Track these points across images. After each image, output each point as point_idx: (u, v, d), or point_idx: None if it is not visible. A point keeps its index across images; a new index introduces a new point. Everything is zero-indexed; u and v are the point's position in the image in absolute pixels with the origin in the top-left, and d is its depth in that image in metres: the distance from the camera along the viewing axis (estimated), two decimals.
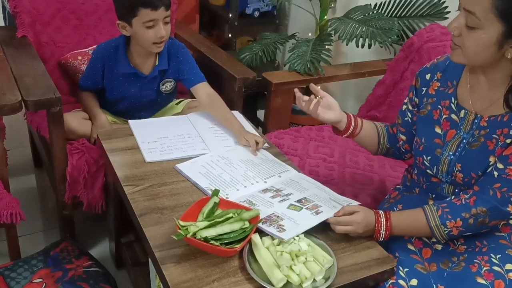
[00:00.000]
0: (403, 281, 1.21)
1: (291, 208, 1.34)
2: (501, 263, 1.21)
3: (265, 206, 1.34)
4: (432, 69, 1.37)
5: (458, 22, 1.15)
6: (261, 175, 1.51)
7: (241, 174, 1.50)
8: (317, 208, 1.33)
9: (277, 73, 2.35)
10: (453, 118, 1.31)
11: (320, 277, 1.14)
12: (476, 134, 1.26)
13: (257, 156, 1.60)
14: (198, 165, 1.52)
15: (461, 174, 1.28)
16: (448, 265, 1.26)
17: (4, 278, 1.52)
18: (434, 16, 2.44)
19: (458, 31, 1.16)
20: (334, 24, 2.35)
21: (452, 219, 1.23)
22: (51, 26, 2.07)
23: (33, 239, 2.02)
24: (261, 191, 1.43)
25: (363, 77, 2.42)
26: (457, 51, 1.19)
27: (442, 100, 1.33)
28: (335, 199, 1.40)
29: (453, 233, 1.24)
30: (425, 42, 2.17)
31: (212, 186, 1.41)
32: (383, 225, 1.28)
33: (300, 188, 1.44)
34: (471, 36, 1.13)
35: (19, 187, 2.19)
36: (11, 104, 1.50)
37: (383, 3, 2.53)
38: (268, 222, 1.27)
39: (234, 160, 1.56)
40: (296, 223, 1.27)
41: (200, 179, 1.44)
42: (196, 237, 1.15)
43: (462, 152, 1.28)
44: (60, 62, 2.08)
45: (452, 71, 1.33)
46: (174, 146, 1.61)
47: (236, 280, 1.12)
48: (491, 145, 1.23)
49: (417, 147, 1.39)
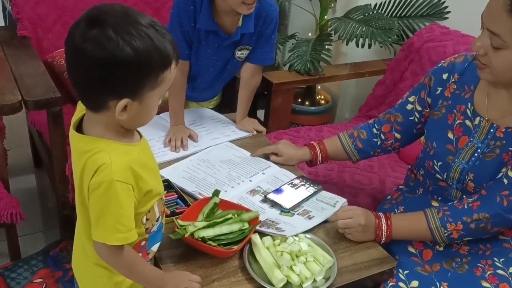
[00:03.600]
0: (403, 284, 1.20)
1: (283, 214, 1.34)
2: (505, 267, 1.20)
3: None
4: (449, 69, 1.32)
5: (482, 41, 1.12)
6: (245, 173, 1.50)
7: (225, 175, 1.49)
8: (308, 213, 1.35)
9: (277, 73, 2.35)
10: (467, 124, 1.27)
11: (320, 277, 1.14)
12: (492, 144, 1.23)
13: (236, 155, 1.60)
14: (180, 170, 1.49)
15: (472, 184, 1.26)
16: (451, 265, 1.25)
17: (4, 278, 1.52)
18: (434, 16, 2.43)
19: (483, 51, 1.13)
20: (334, 24, 2.35)
21: (453, 222, 1.22)
22: (53, 32, 2.09)
23: (33, 239, 2.02)
24: (249, 192, 1.42)
25: (363, 77, 2.42)
26: (485, 70, 1.16)
27: (458, 105, 1.29)
28: (322, 199, 1.41)
29: (453, 236, 1.23)
30: (425, 42, 2.17)
31: (199, 189, 1.40)
32: (383, 223, 1.27)
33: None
34: (498, 56, 1.11)
35: (19, 187, 2.19)
36: (11, 104, 1.50)
37: (383, 3, 2.53)
38: (265, 226, 1.27)
39: (215, 162, 1.55)
40: (293, 226, 1.27)
41: (186, 184, 1.42)
42: (194, 237, 1.15)
43: (476, 162, 1.25)
44: (46, 61, 2.05)
45: (470, 75, 1.28)
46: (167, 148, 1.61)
47: (236, 280, 1.12)
48: (506, 157, 1.21)
49: (427, 151, 1.35)
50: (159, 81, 0.91)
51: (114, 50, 0.84)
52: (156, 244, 1.10)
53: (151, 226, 1.04)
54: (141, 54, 0.85)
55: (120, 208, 0.93)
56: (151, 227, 1.04)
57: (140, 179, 0.95)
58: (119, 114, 0.90)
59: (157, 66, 0.89)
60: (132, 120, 0.93)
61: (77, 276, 1.13)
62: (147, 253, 1.08)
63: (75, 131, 0.97)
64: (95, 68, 0.86)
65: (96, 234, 0.95)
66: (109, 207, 0.92)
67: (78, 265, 1.12)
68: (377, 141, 1.48)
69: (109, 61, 0.84)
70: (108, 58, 0.84)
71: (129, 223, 0.95)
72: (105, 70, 0.85)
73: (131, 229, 0.95)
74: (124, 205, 0.93)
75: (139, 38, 0.85)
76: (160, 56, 0.88)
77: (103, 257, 0.99)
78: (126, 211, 0.94)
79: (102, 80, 0.87)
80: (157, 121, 1.76)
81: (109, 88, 0.88)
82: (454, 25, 2.24)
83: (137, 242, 1.02)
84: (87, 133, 0.96)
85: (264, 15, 1.61)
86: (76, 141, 0.97)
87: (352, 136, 1.51)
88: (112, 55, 0.84)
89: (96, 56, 0.84)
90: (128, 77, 0.87)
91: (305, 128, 2.19)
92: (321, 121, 2.69)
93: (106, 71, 0.86)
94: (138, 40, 0.85)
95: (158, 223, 1.07)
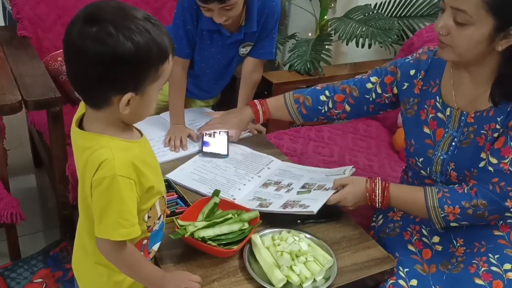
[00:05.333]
0: (403, 281, 1.21)
1: (300, 194, 1.37)
2: (499, 263, 1.20)
3: (276, 199, 1.36)
4: (416, 66, 1.36)
5: (444, 21, 1.14)
6: (252, 170, 1.52)
7: (233, 174, 1.50)
8: (323, 186, 1.38)
9: (277, 73, 2.35)
10: (440, 117, 1.31)
11: (320, 277, 1.14)
12: (466, 131, 1.26)
13: (236, 152, 1.61)
14: (188, 172, 1.49)
15: (455, 172, 1.28)
16: (447, 267, 1.26)
17: (4, 278, 1.52)
18: (434, 16, 2.44)
19: (446, 30, 1.15)
20: (334, 24, 2.35)
21: (451, 205, 1.22)
22: (53, 32, 2.09)
23: (33, 239, 2.02)
24: (261, 186, 1.44)
25: None
26: (447, 49, 1.19)
27: (427, 100, 1.33)
28: (330, 174, 1.46)
29: (449, 218, 1.23)
30: (425, 42, 2.16)
31: (213, 190, 1.40)
32: (378, 193, 1.30)
33: (295, 176, 1.48)
34: (462, 33, 1.13)
35: (19, 187, 2.19)
36: (11, 104, 1.50)
37: (383, 3, 2.53)
38: (288, 206, 1.29)
39: (219, 162, 1.55)
40: (314, 199, 1.30)
41: (199, 186, 1.42)
42: (194, 237, 1.15)
43: (455, 151, 1.28)
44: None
45: (434, 70, 1.32)
46: (167, 148, 1.61)
47: (236, 280, 1.12)
48: (481, 141, 1.23)
49: (408, 149, 1.39)
50: (159, 74, 0.92)
51: (116, 46, 0.84)
52: (157, 243, 1.11)
53: (153, 224, 1.05)
54: (142, 48, 0.86)
55: (122, 203, 0.93)
56: (152, 225, 1.05)
57: (142, 175, 0.96)
58: (123, 109, 0.91)
59: (157, 58, 0.90)
60: (133, 114, 0.95)
61: (77, 275, 1.13)
62: (148, 252, 1.08)
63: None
64: (97, 65, 0.86)
65: (100, 230, 0.95)
66: (112, 202, 0.92)
67: (78, 263, 1.12)
68: (322, 109, 1.52)
69: (111, 57, 0.85)
70: (110, 54, 0.85)
71: (132, 218, 0.95)
72: (107, 66, 0.86)
73: (134, 224, 0.96)
74: (126, 200, 0.93)
75: (139, 32, 0.86)
76: (158, 49, 0.90)
77: (105, 255, 0.99)
78: (128, 206, 0.94)
79: (104, 77, 0.88)
80: (157, 121, 1.76)
81: (112, 84, 0.89)
82: None
83: (138, 240, 1.03)
84: (88, 130, 0.96)
85: (266, 11, 1.61)
86: (78, 137, 0.97)
87: (298, 102, 1.55)
88: (113, 51, 0.85)
89: (98, 53, 0.85)
90: (131, 71, 0.88)
91: (305, 128, 2.18)
92: (321, 121, 2.69)
93: (108, 68, 0.86)
94: (138, 34, 0.86)
95: (160, 222, 1.07)
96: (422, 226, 1.36)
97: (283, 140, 2.01)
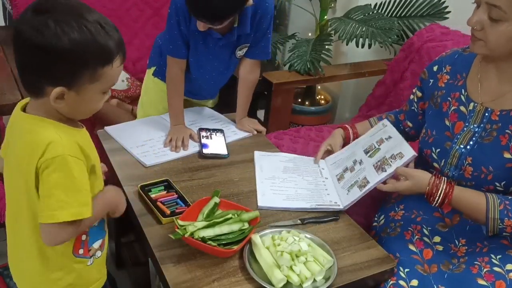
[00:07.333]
0: (403, 282, 1.20)
1: (373, 155, 1.44)
2: (501, 264, 1.20)
3: (363, 172, 1.42)
4: (439, 62, 1.40)
5: (478, 16, 1.17)
6: (314, 174, 1.53)
7: (307, 183, 1.49)
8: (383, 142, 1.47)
9: (277, 73, 2.35)
10: (462, 110, 1.31)
11: (320, 277, 1.14)
12: (488, 128, 1.26)
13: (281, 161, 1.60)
14: (271, 194, 1.43)
15: (471, 168, 1.28)
16: (448, 267, 1.25)
17: (4, 278, 1.52)
18: (434, 16, 2.44)
19: (480, 26, 1.17)
20: (334, 24, 2.35)
21: (511, 218, 1.20)
22: None
23: None
24: (339, 181, 1.48)
25: (363, 77, 2.42)
26: (479, 43, 1.20)
27: (452, 92, 1.34)
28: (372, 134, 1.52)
29: (506, 231, 1.22)
30: (425, 42, 2.17)
31: (310, 203, 1.39)
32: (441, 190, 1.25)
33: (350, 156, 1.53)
34: (496, 29, 1.15)
35: None
36: (11, 104, 1.51)
37: (383, 3, 2.54)
38: (380, 169, 1.37)
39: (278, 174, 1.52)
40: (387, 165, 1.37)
41: (294, 204, 1.39)
42: (194, 237, 1.15)
43: (475, 145, 1.28)
44: None
45: (461, 64, 1.35)
46: (167, 148, 1.61)
47: (236, 280, 1.12)
48: (504, 140, 1.24)
49: (427, 139, 1.39)
50: (98, 75, 0.94)
51: (51, 38, 0.88)
52: (98, 241, 1.10)
53: None
54: (77, 46, 0.89)
55: (74, 183, 0.94)
56: None
57: (87, 158, 0.98)
58: (54, 101, 0.93)
59: (95, 59, 0.92)
60: (71, 109, 0.97)
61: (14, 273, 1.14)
62: (88, 250, 1.08)
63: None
64: (33, 53, 0.90)
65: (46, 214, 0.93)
66: (63, 182, 0.93)
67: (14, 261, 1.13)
68: (400, 127, 1.57)
69: (46, 49, 0.88)
70: (45, 45, 0.88)
71: (83, 198, 0.96)
72: (41, 56, 0.89)
73: (85, 203, 0.96)
74: (78, 179, 0.95)
75: (78, 31, 0.89)
76: (98, 51, 0.91)
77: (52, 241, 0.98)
78: (80, 185, 0.95)
79: (38, 66, 0.91)
80: (157, 121, 1.76)
81: (45, 74, 0.92)
82: (454, 25, 2.24)
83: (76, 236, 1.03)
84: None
85: (260, 12, 1.60)
86: (20, 120, 0.99)
87: (381, 119, 1.60)
88: (49, 43, 0.88)
89: (34, 42, 0.88)
90: (63, 66, 0.91)
91: (305, 128, 2.19)
92: (321, 121, 2.70)
93: (43, 58, 0.90)
94: (77, 32, 0.89)
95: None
96: (423, 225, 1.36)
97: (283, 140, 2.01)
